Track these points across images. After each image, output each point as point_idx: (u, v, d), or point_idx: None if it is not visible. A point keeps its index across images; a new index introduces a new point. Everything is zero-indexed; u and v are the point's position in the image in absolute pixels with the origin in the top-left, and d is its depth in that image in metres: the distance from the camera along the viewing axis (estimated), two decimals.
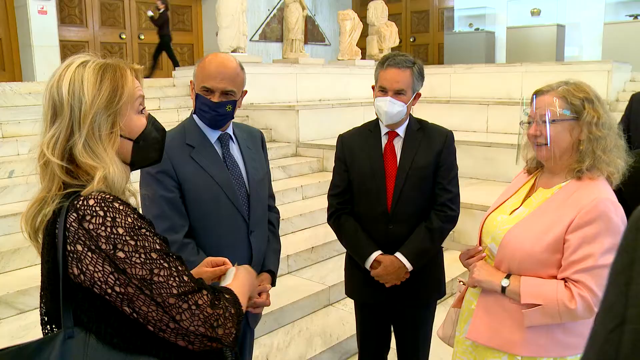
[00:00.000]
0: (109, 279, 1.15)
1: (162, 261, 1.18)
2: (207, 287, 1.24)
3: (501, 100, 7.80)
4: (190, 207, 2.07)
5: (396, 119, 2.38)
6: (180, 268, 1.21)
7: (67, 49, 9.39)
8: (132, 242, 1.15)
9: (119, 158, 1.26)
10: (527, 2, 11.30)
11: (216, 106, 2.07)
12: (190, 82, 2.17)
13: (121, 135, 1.26)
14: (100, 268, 1.15)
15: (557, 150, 1.80)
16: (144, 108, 1.33)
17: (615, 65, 7.68)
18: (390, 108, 2.34)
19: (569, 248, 1.71)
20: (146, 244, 1.17)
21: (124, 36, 10.45)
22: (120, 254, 1.14)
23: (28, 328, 3.15)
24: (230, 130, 2.21)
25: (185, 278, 1.20)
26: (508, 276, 1.80)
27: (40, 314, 1.26)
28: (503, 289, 1.79)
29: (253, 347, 2.39)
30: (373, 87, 2.46)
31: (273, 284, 2.24)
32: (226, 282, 1.45)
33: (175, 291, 1.17)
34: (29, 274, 3.59)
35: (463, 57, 11.15)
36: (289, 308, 3.76)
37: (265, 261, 2.25)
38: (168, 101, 7.44)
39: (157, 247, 1.19)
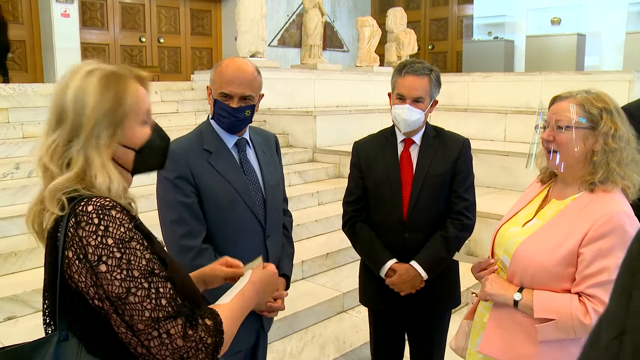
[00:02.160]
0: (90, 291, 1.16)
1: (142, 280, 1.16)
2: (187, 312, 1.20)
3: (519, 109, 7.73)
4: (208, 213, 2.08)
5: (414, 126, 2.37)
6: (161, 290, 1.18)
7: (88, 51, 9.50)
8: (118, 255, 1.14)
9: (118, 165, 1.27)
10: (547, 11, 11.20)
11: (235, 111, 2.07)
12: (207, 87, 2.17)
13: (123, 145, 1.27)
14: (84, 279, 1.16)
15: (568, 157, 1.76)
16: (149, 118, 1.34)
17: (637, 75, 7.57)
18: (409, 116, 2.33)
19: (583, 262, 1.67)
20: (131, 259, 1.16)
21: (143, 39, 10.55)
22: (102, 267, 1.14)
23: None
24: (246, 135, 2.22)
25: (163, 302, 1.17)
26: (521, 290, 1.77)
27: (43, 314, 1.28)
28: (515, 302, 1.77)
29: (266, 352, 2.39)
30: (389, 95, 2.44)
31: (287, 288, 2.25)
32: (237, 289, 1.41)
33: (147, 314, 1.15)
34: None
35: (481, 65, 11.07)
36: (302, 314, 3.76)
37: (280, 265, 2.25)
38: (186, 104, 7.48)
39: (144, 262, 1.17)
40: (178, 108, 7.36)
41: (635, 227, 1.68)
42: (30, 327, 3.21)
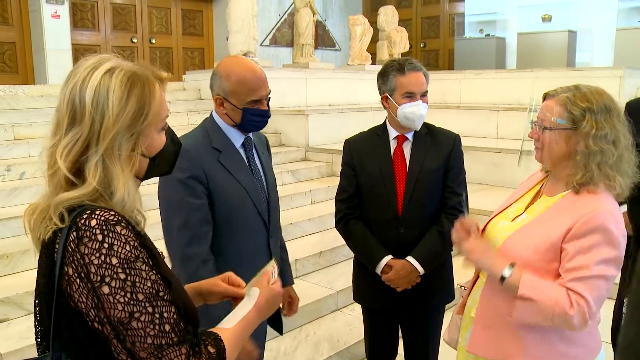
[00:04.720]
0: (90, 313, 1.09)
1: (147, 304, 1.08)
2: (191, 339, 1.13)
3: (511, 106, 7.75)
4: (218, 212, 2.03)
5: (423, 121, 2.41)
6: (165, 315, 1.09)
7: (80, 52, 9.43)
8: (122, 276, 1.06)
9: (133, 176, 1.18)
10: (538, 8, 11.22)
11: (267, 112, 2.10)
12: (218, 97, 2.07)
13: (141, 155, 1.18)
14: (84, 299, 1.08)
15: (550, 157, 1.77)
16: (165, 124, 1.24)
17: (627, 71, 7.61)
18: (424, 111, 2.37)
19: (565, 257, 1.67)
20: (136, 281, 1.07)
21: (135, 40, 10.50)
22: (105, 289, 1.06)
23: None
24: (250, 134, 2.21)
25: (167, 327, 1.09)
26: (512, 266, 1.71)
27: (35, 324, 1.20)
28: (503, 278, 1.70)
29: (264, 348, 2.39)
30: (385, 98, 2.41)
31: None
32: (242, 312, 1.32)
33: (150, 341, 1.07)
34: None
35: (473, 62, 11.08)
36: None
37: (284, 277, 2.17)
38: (178, 105, 7.45)
39: (149, 284, 1.09)
40: (170, 108, 7.28)
41: (620, 227, 1.67)
42: (22, 330, 3.18)
